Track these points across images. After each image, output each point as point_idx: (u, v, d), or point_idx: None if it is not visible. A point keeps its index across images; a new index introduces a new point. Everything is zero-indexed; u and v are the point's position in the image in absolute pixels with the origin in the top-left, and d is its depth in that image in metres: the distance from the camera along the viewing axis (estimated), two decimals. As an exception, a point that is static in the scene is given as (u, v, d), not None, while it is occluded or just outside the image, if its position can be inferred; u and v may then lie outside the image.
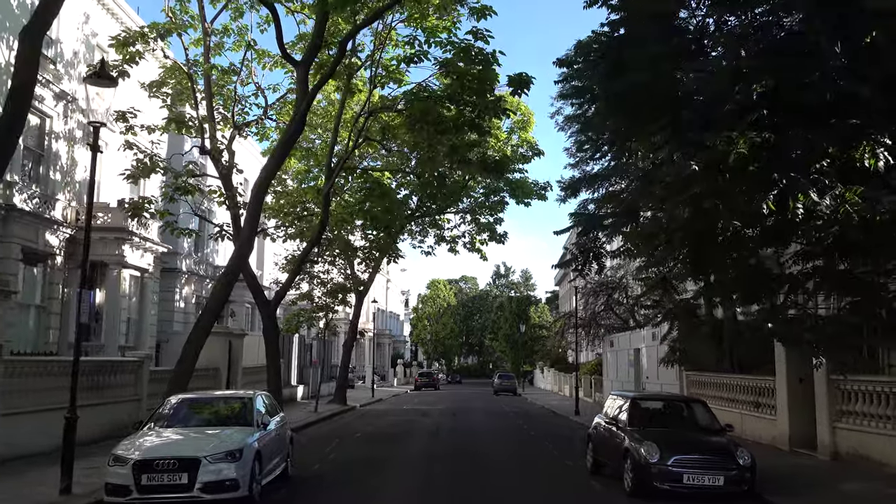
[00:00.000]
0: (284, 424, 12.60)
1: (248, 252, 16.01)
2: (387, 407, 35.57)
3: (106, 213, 23.97)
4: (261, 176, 16.45)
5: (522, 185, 32.63)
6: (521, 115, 31.27)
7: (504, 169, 19.61)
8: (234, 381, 24.67)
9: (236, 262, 15.69)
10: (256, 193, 16.13)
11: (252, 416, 10.70)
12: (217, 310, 14.97)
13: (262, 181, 16.26)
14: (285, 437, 12.25)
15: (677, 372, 23.09)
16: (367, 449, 17.64)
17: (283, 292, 22.55)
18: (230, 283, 15.32)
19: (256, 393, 11.68)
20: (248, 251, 16.06)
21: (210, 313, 14.80)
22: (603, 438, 12.67)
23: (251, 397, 11.15)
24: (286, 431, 12.54)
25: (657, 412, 12.44)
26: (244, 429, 10.41)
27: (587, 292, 36.92)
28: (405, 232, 35.59)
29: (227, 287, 15.05)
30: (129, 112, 20.07)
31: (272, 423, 11.55)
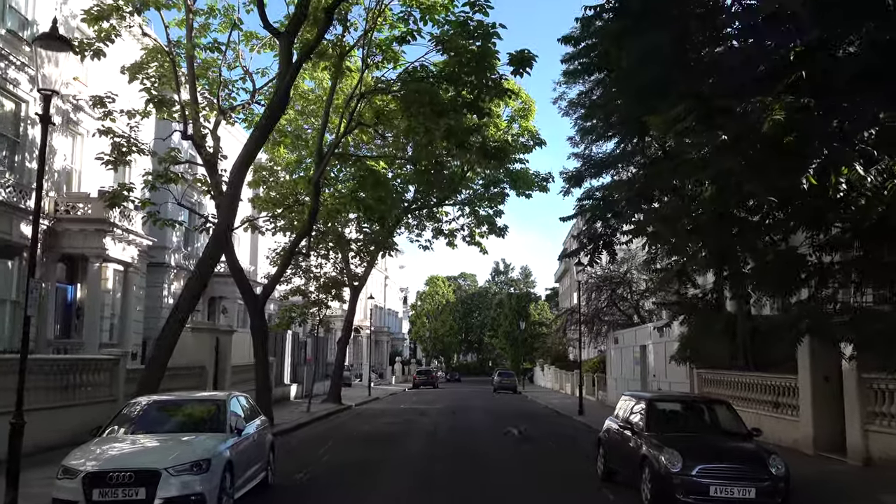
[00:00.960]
0: (265, 429, 11.44)
1: (226, 232, 14.66)
2: (383, 406, 34.40)
3: (86, 203, 22.80)
4: (243, 151, 15.23)
5: (523, 177, 31.50)
6: (522, 102, 30.14)
7: (505, 155, 18.45)
8: (221, 380, 23.49)
9: (213, 245, 14.35)
10: (238, 169, 14.91)
11: (225, 420, 9.52)
12: (193, 301, 13.73)
13: (245, 156, 15.01)
14: (265, 443, 11.08)
15: (687, 370, 21.92)
16: (358, 454, 16.47)
17: (271, 286, 21.38)
18: (207, 271, 14.05)
19: (231, 395, 10.49)
20: (228, 229, 14.69)
21: (185, 305, 13.56)
22: (616, 443, 11.51)
23: (224, 400, 9.97)
24: (266, 436, 11.38)
25: (677, 415, 11.24)
26: (215, 435, 9.24)
27: (590, 287, 35.78)
28: (402, 225, 34.44)
29: (204, 276, 13.83)
30: (107, 96, 18.87)
31: (250, 428, 10.39)
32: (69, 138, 24.03)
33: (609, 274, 35.85)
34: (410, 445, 18.16)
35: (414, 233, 34.86)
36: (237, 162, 15.12)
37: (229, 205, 14.47)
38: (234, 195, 14.59)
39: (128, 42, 24.44)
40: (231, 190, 14.61)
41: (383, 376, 69.89)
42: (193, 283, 13.90)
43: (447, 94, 17.85)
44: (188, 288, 13.87)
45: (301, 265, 27.71)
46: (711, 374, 20.56)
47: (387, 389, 51.92)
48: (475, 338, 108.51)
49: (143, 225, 24.04)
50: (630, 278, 35.39)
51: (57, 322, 23.87)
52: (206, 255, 14.28)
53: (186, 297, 13.66)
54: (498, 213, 32.97)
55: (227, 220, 14.38)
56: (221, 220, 14.40)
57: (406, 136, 19.44)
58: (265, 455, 10.94)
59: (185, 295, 13.81)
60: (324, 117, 19.78)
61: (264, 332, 20.87)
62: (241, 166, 14.85)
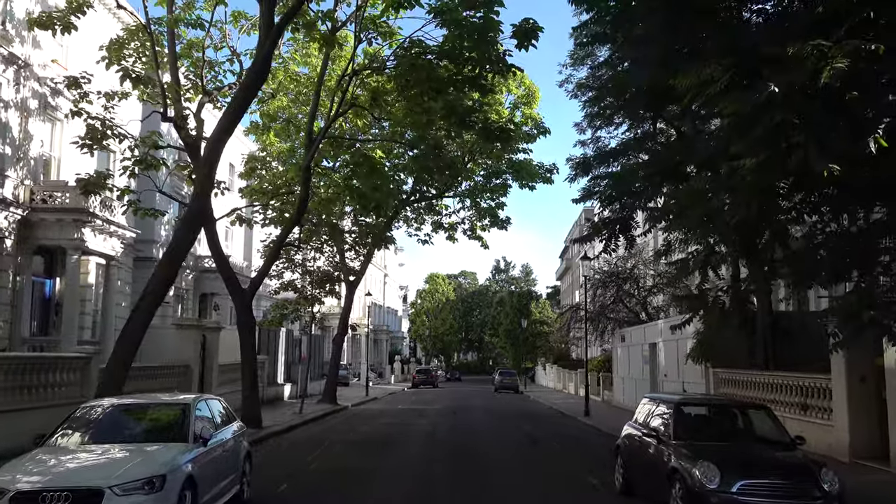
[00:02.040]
0: (240, 436, 10.11)
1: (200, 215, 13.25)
2: (381, 407, 33.06)
3: (64, 192, 21.46)
4: (219, 125, 13.85)
5: (526, 167, 30.16)
6: (525, 89, 28.82)
7: (509, 137, 17.08)
8: (208, 379, 22.18)
9: (184, 228, 12.90)
10: (213, 145, 13.54)
11: (188, 428, 8.19)
12: (161, 290, 12.33)
13: (220, 131, 13.59)
14: (239, 453, 9.74)
15: (703, 369, 20.59)
16: (349, 460, 15.15)
17: (259, 279, 20.05)
18: (178, 257, 12.59)
19: (200, 398, 9.14)
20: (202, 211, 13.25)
21: (152, 295, 12.17)
22: (637, 453, 10.17)
23: (189, 404, 8.63)
24: (241, 444, 10.04)
25: (708, 421, 9.86)
26: (175, 446, 7.92)
27: (595, 283, 34.42)
28: (400, 219, 33.10)
29: (174, 262, 12.43)
30: (82, 77, 17.53)
31: (221, 436, 9.06)
32: (47, 124, 22.71)
33: (615, 269, 34.53)
34: (407, 450, 16.85)
35: (413, 226, 33.54)
36: (212, 137, 13.77)
37: (203, 183, 13.10)
38: (209, 173, 13.21)
39: (109, 23, 23.16)
40: (205, 168, 13.24)
41: (382, 375, 68.57)
42: (163, 270, 12.47)
43: (447, 72, 16.51)
44: (157, 276, 12.44)
45: (293, 259, 26.34)
46: (729, 374, 19.21)
47: (385, 389, 50.59)
48: (475, 336, 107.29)
49: (123, 215, 22.60)
50: (637, 274, 34.05)
51: (34, 318, 22.56)
52: (176, 240, 12.80)
53: (154, 286, 12.25)
54: (500, 206, 31.63)
55: (201, 201, 13.00)
56: (194, 201, 13.02)
57: (403, 117, 18.06)
58: (239, 466, 9.61)
59: (152, 284, 12.38)
60: (314, 98, 18.44)
61: (252, 327, 19.56)
62: (216, 142, 13.45)
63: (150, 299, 12.19)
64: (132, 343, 11.85)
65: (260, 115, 22.28)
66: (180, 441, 8.02)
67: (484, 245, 32.41)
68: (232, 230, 41.25)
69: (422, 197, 31.74)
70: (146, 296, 12.39)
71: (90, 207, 21.53)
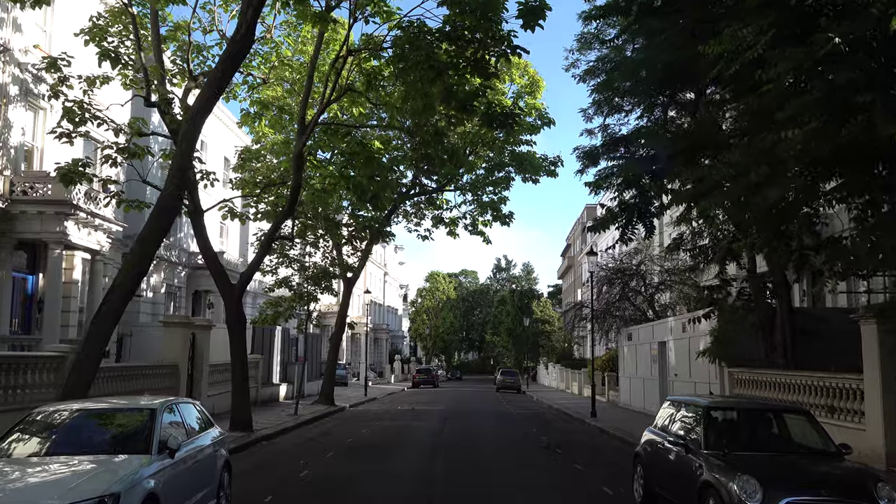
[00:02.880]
0: (218, 444, 9.07)
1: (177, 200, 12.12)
2: (379, 408, 32.03)
3: (45, 183, 20.41)
4: (197, 101, 12.77)
5: (530, 160, 29.12)
6: (529, 78, 27.81)
7: (514, 122, 16.00)
8: (197, 380, 21.17)
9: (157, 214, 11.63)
10: (192, 121, 12.43)
11: (151, 437, 7.15)
12: (132, 284, 11.23)
13: (199, 107, 12.49)
14: (215, 465, 8.70)
15: (717, 369, 19.55)
16: (344, 467, 14.12)
17: (249, 273, 19.01)
18: (151, 246, 11.47)
19: (168, 402, 8.08)
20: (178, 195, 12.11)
21: (121, 290, 11.03)
22: (660, 462, 9.13)
23: (155, 409, 7.57)
24: (219, 454, 9.00)
25: (742, 427, 8.78)
26: (135, 458, 6.88)
27: (601, 280, 33.36)
28: (399, 213, 32.06)
29: (147, 251, 11.32)
30: (61, 58, 16.50)
31: (193, 445, 8.03)
32: (29, 112, 21.67)
33: (621, 266, 33.50)
34: (406, 457, 15.83)
35: (413, 221, 32.48)
36: (191, 110, 12.69)
37: (179, 164, 12.01)
38: (187, 151, 12.09)
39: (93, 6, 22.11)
40: (183, 145, 12.12)
41: (382, 375, 67.56)
42: (134, 259, 11.32)
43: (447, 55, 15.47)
44: (127, 267, 11.32)
45: (287, 254, 25.29)
46: (745, 374, 18.16)
47: (385, 389, 49.58)
48: (476, 336, 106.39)
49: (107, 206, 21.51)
50: (644, 271, 33.00)
51: (14, 316, 21.50)
52: (149, 227, 11.65)
53: (124, 278, 11.10)
54: (503, 200, 30.57)
55: (176, 183, 11.87)
56: (169, 183, 11.91)
57: (401, 102, 17.00)
58: (215, 478, 8.57)
59: (121, 276, 11.21)
60: (307, 81, 17.40)
61: (242, 325, 18.54)
62: (195, 118, 12.34)
63: (119, 293, 11.10)
64: (100, 341, 10.78)
65: (251, 103, 21.23)
66: (142, 452, 6.98)
67: (486, 240, 31.37)
68: (227, 227, 40.28)
69: (422, 190, 30.70)
70: (115, 289, 11.28)
71: (73, 199, 20.50)
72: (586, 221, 73.47)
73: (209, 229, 38.14)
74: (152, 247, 11.60)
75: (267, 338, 30.22)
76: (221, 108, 37.98)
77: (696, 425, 8.43)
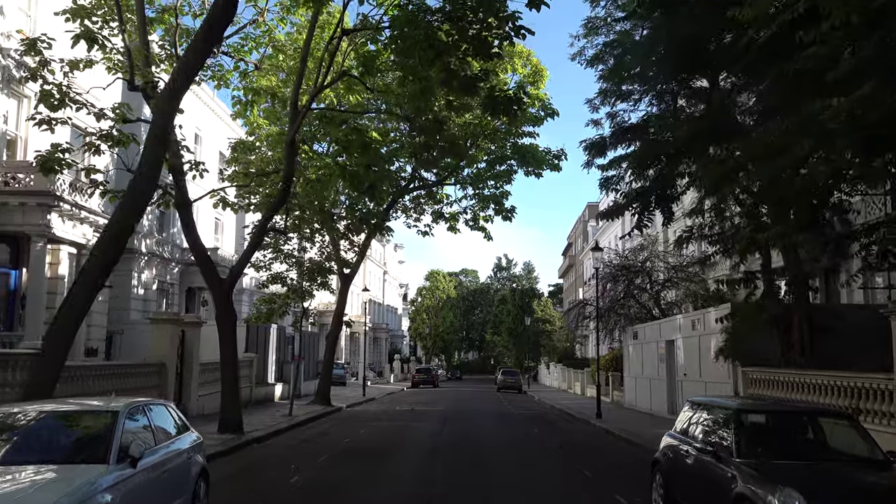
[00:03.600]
0: (193, 450, 8.18)
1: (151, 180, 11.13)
2: (377, 408, 31.15)
3: (28, 173, 19.54)
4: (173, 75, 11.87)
5: (533, 153, 28.26)
6: (532, 68, 26.94)
7: (518, 107, 15.10)
8: (187, 379, 20.35)
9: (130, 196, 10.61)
10: (169, 95, 11.51)
11: (110, 444, 6.25)
12: (100, 276, 10.29)
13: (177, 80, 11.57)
14: (188, 473, 7.82)
15: (730, 368, 18.68)
16: (338, 472, 13.25)
17: (240, 267, 18.14)
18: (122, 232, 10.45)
19: (133, 405, 7.15)
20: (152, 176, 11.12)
21: (86, 282, 10.08)
22: (684, 470, 8.24)
23: (118, 412, 6.68)
24: (195, 461, 8.12)
25: (777, 432, 7.84)
26: (91, 468, 6.00)
27: (605, 278, 32.43)
28: (398, 208, 31.18)
29: (118, 238, 10.33)
30: (41, 40, 15.60)
31: (161, 452, 7.15)
32: (12, 99, 20.81)
33: (626, 262, 32.61)
34: (404, 461, 14.97)
35: (412, 216, 31.58)
36: (169, 82, 11.77)
37: (154, 143, 11.06)
38: (164, 126, 11.10)
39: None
40: (159, 120, 11.17)
41: (382, 375, 66.73)
42: (102, 247, 10.29)
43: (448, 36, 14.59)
44: (95, 256, 10.35)
45: (282, 248, 24.41)
46: (761, 374, 17.27)
47: (384, 389, 48.72)
48: (476, 335, 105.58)
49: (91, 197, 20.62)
50: (650, 267, 32.10)
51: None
52: (119, 213, 10.65)
53: (90, 269, 10.14)
54: (505, 195, 29.71)
55: (151, 162, 10.90)
56: (143, 163, 10.95)
57: (399, 86, 16.09)
58: (188, 488, 7.69)
59: (89, 265, 10.24)
60: (300, 63, 16.49)
61: (231, 321, 17.66)
62: (172, 92, 11.38)
63: (84, 286, 10.13)
64: (64, 337, 9.85)
65: (244, 91, 20.33)
66: (98, 462, 6.09)
67: (487, 236, 30.50)
68: (222, 222, 39.41)
69: (422, 184, 29.82)
70: (80, 282, 10.33)
71: (57, 190, 19.64)
72: (588, 219, 72.54)
73: (204, 225, 37.46)
74: (123, 235, 10.64)
75: (262, 336, 29.36)
76: (217, 102, 37.13)
77: (725, 430, 7.54)
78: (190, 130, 34.05)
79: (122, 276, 28.47)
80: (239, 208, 20.38)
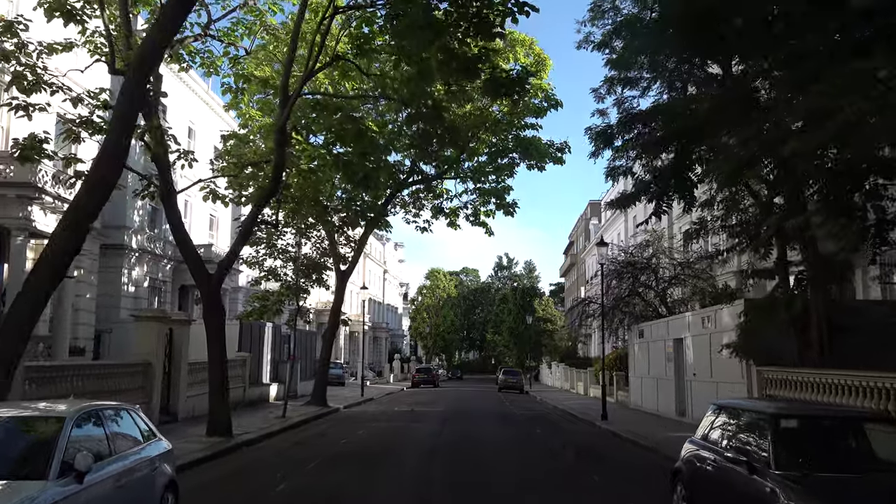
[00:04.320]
0: (159, 460, 7.29)
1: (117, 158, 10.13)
2: (376, 409, 30.27)
3: (7, 164, 18.71)
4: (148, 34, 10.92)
5: (535, 145, 27.38)
6: (535, 57, 26.05)
7: (522, 88, 14.23)
8: (175, 379, 19.47)
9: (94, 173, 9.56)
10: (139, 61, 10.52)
11: (50, 457, 5.37)
12: (59, 265, 9.28)
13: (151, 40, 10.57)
14: (152, 486, 6.93)
15: (744, 368, 17.80)
16: (330, 479, 12.38)
17: (229, 261, 17.27)
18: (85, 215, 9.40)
19: (84, 410, 6.18)
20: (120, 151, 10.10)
21: (46, 270, 9.06)
22: (711, 482, 7.34)
23: (62, 419, 5.75)
24: (161, 473, 7.23)
25: (819, 440, 6.89)
26: (25, 485, 5.11)
27: (610, 274, 31.53)
28: (397, 203, 30.28)
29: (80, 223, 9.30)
30: (17, 21, 14.72)
31: (116, 465, 6.25)
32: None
33: (632, 259, 31.72)
34: (400, 466, 14.09)
35: (411, 212, 30.68)
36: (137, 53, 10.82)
37: (119, 121, 10.08)
38: (140, 81, 10.02)
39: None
40: (129, 86, 10.14)
41: (382, 374, 65.84)
42: (61, 231, 9.23)
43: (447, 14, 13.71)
44: (53, 244, 9.36)
45: (275, 244, 23.51)
46: (778, 373, 16.36)
47: (383, 389, 47.84)
48: (477, 335, 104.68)
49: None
50: (655, 264, 31.20)
51: (-23, 309, 19.78)
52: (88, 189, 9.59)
53: (48, 256, 9.11)
54: (506, 189, 28.82)
55: (121, 127, 9.88)
56: (108, 138, 9.94)
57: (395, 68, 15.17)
58: (152, 503, 6.81)
59: (47, 251, 9.21)
60: (290, 48, 15.57)
61: (220, 319, 16.78)
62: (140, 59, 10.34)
63: (42, 275, 9.16)
64: (18, 335, 8.88)
65: (235, 78, 19.42)
66: (36, 478, 5.20)
67: (488, 231, 29.61)
68: (217, 219, 38.59)
69: (421, 178, 28.91)
70: (37, 269, 9.34)
71: (39, 182, 18.81)
72: (590, 217, 71.67)
73: (198, 221, 36.62)
74: (83, 222, 9.62)
75: (256, 335, 28.49)
76: (211, 95, 36.28)
77: (759, 438, 6.65)
78: (183, 124, 33.22)
79: (111, 272, 27.68)
80: (230, 201, 19.48)
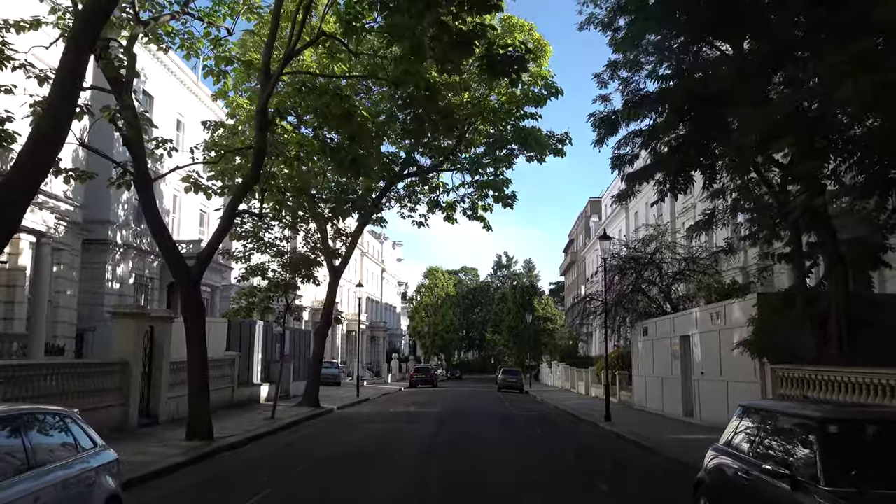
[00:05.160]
0: (97, 474, 6.25)
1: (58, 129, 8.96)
2: (371, 409, 29.25)
3: (-25, 152, 17.65)
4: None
5: (535, 136, 26.37)
6: (534, 43, 25.00)
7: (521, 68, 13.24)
8: (156, 379, 18.44)
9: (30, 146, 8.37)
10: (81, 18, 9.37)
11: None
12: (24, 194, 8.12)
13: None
14: (88, 502, 5.90)
15: (756, 366, 16.80)
16: (316, 487, 11.38)
17: (208, 253, 16.26)
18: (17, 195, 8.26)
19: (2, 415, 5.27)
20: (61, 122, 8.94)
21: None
22: (741, 497, 6.29)
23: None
24: (98, 488, 6.20)
25: (872, 450, 5.79)
26: None
27: (612, 270, 30.52)
28: (392, 197, 29.28)
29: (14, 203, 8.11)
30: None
31: (36, 482, 5.22)
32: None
33: (635, 254, 30.72)
34: (394, 471, 13.09)
35: (406, 206, 29.67)
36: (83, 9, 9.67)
37: (57, 88, 8.92)
38: (76, 61, 8.82)
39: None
40: (69, 55, 8.95)
41: (379, 374, 64.83)
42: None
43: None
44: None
45: (262, 238, 22.49)
46: (794, 371, 15.36)
47: (380, 389, 46.81)
48: (476, 334, 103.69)
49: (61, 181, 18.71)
50: (659, 259, 30.19)
51: (-53, 307, 18.82)
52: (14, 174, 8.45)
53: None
54: (505, 182, 27.83)
55: (49, 118, 8.77)
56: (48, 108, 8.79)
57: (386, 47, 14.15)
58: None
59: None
60: (273, 19, 14.54)
61: (199, 316, 15.78)
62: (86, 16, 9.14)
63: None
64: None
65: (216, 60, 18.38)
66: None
67: (486, 226, 28.61)
68: (208, 215, 37.49)
69: (417, 170, 27.89)
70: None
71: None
72: (590, 215, 70.67)
73: (188, 217, 35.57)
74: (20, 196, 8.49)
75: (246, 333, 27.46)
76: (200, 87, 35.22)
77: (802, 447, 5.62)
78: (171, 116, 32.19)
79: (94, 268, 26.65)
80: (214, 193, 18.47)
